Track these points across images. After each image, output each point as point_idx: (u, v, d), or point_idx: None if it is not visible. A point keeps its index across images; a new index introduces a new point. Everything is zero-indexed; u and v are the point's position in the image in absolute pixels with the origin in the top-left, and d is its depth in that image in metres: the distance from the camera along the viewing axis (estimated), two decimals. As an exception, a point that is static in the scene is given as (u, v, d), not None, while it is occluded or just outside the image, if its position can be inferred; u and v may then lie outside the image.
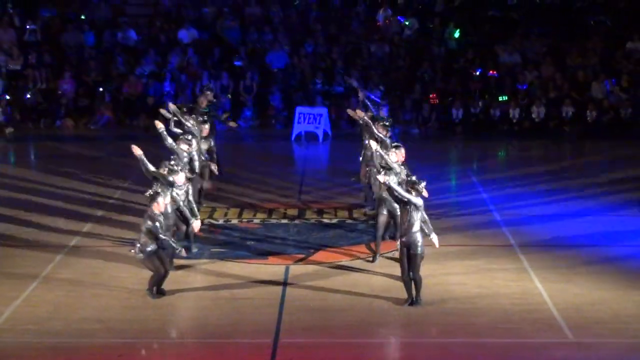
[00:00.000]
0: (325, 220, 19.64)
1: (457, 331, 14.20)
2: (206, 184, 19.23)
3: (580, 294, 15.57)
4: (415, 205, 14.36)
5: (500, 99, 29.18)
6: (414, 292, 14.78)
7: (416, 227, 14.47)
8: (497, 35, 31.64)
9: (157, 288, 15.06)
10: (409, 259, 14.57)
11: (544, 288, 15.79)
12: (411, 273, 14.64)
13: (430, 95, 29.22)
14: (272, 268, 16.67)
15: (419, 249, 14.52)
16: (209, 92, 20.94)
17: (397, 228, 15.80)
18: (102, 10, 32.42)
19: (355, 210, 19.88)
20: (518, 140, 27.39)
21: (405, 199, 14.39)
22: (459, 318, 14.65)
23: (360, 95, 21.00)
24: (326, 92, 29.85)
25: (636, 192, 21.33)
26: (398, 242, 15.21)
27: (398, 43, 31.46)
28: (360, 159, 19.30)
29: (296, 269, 16.57)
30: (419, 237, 14.50)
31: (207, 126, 19.02)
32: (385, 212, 16.58)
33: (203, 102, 20.47)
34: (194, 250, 17.00)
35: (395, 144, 16.99)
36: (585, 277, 16.26)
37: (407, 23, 31.83)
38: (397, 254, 16.24)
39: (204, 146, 18.84)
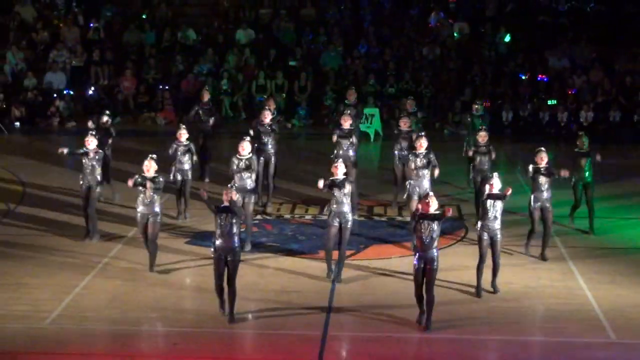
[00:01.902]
0: (375, 218, 19.65)
1: (501, 329, 14.15)
2: None
3: (624, 295, 15.45)
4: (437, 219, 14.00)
5: (548, 102, 28.98)
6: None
7: (436, 242, 14.00)
8: (546, 40, 31.42)
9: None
10: (426, 274, 13.95)
11: (589, 288, 15.69)
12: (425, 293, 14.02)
13: (485, 103, 29.06)
14: (322, 263, 16.68)
15: (436, 264, 13.99)
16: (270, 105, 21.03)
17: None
18: (163, 10, 32.61)
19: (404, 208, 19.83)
20: (566, 143, 27.14)
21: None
22: (503, 316, 14.59)
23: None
24: (378, 93, 29.81)
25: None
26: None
27: (449, 46, 31.35)
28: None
29: (346, 264, 16.57)
30: (437, 252, 14.04)
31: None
32: None
33: (266, 117, 20.20)
34: (248, 248, 17.08)
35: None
36: (629, 279, 16.13)
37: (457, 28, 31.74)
38: (448, 250, 16.23)
39: None
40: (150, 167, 16.29)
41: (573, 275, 16.35)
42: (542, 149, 17.17)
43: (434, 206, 13.94)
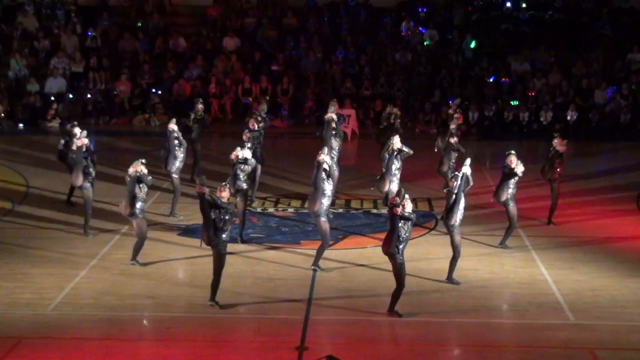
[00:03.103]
0: (352, 210, 19.64)
1: (469, 312, 14.17)
2: None
3: (582, 280, 15.50)
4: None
5: (511, 103, 29.02)
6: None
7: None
8: (509, 46, 31.50)
9: None
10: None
11: (549, 274, 15.74)
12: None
13: (451, 102, 29.09)
14: (304, 252, 16.68)
15: None
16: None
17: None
18: (155, 20, 32.49)
19: (379, 201, 19.82)
20: (527, 141, 27.24)
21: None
22: (472, 300, 14.61)
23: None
24: (355, 95, 29.79)
25: (634, 189, 21.15)
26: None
27: (420, 52, 31.36)
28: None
29: (326, 254, 16.52)
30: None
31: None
32: None
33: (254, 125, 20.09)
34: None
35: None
36: (587, 266, 16.19)
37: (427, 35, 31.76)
38: (419, 239, 16.23)
39: None
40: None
41: (535, 262, 16.39)
42: (512, 152, 17.02)
43: (408, 207, 13.83)
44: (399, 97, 29.60)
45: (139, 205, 15.51)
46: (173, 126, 18.66)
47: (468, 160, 15.38)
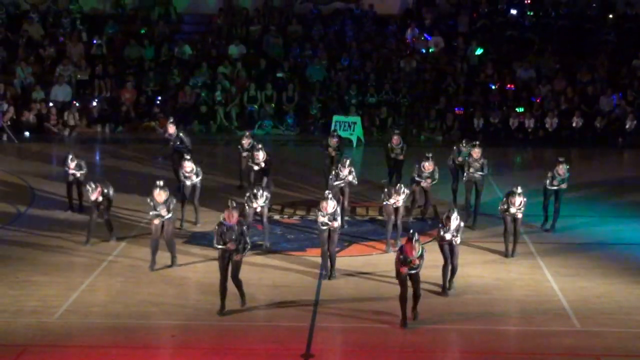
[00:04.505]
0: (358, 217, 19.63)
1: (475, 319, 14.16)
2: None
3: (588, 287, 15.48)
4: None
5: (517, 110, 29.00)
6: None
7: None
8: (514, 52, 31.47)
9: None
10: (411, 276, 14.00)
11: (555, 281, 15.72)
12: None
13: (457, 110, 29.13)
14: (309, 259, 16.68)
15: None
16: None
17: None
18: (161, 28, 32.53)
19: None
20: (533, 148, 27.21)
21: None
22: (477, 307, 14.60)
23: None
24: (360, 102, 29.80)
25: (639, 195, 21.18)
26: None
27: (425, 59, 31.37)
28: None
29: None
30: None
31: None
32: None
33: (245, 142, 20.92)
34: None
35: None
36: (592, 272, 16.17)
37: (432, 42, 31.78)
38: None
39: None
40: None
41: (540, 269, 16.37)
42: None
43: (417, 251, 13.62)
44: (404, 104, 29.60)
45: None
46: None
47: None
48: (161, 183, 16.14)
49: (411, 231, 13.88)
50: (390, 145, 20.85)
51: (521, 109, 29.01)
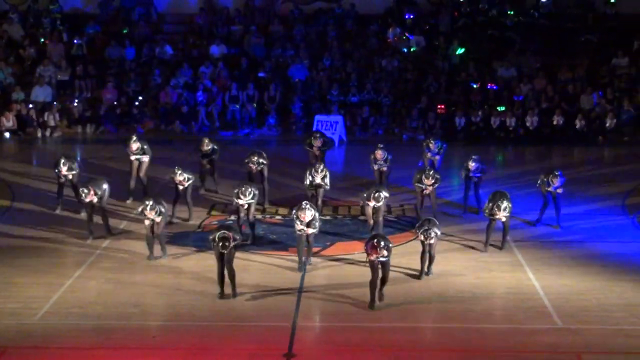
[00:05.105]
0: (340, 216, 19.62)
1: (457, 317, 14.17)
2: None
3: (569, 285, 15.53)
4: None
5: (498, 109, 29.06)
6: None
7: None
8: (495, 52, 31.54)
9: None
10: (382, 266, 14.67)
11: (536, 279, 15.76)
12: None
13: (439, 106, 29.15)
14: (292, 259, 16.65)
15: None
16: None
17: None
18: (142, 28, 32.41)
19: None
20: (513, 146, 27.27)
21: None
22: (459, 305, 14.62)
23: None
24: (342, 102, 29.79)
25: (620, 193, 21.26)
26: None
27: (406, 58, 31.39)
28: None
29: (314, 260, 16.56)
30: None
31: None
32: None
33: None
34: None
35: None
36: (574, 270, 16.22)
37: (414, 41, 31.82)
38: (407, 247, 16.26)
39: None
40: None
41: (522, 267, 16.41)
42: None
43: (382, 254, 14.31)
44: (385, 103, 29.61)
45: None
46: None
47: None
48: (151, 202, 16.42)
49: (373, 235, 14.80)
50: (373, 157, 20.61)
51: (502, 108, 29.07)
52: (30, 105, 28.98)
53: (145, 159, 20.30)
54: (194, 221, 18.91)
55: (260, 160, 20.29)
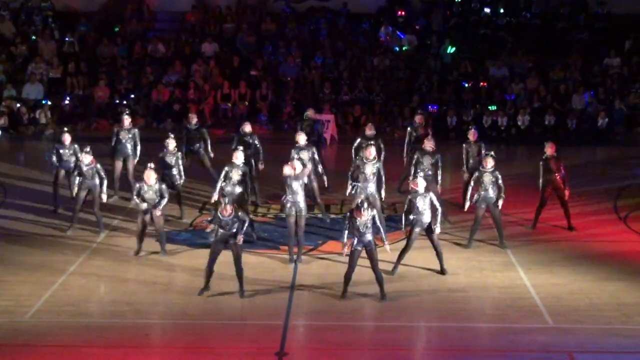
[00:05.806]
0: (332, 215, 19.62)
1: (449, 316, 14.19)
2: None
3: (560, 284, 15.56)
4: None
5: (489, 108, 29.11)
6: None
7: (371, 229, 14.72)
8: (487, 51, 31.60)
9: None
10: (368, 255, 14.71)
11: (528, 279, 15.79)
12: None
13: (431, 108, 29.16)
14: (283, 257, 16.66)
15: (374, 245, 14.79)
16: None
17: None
18: (134, 25, 32.39)
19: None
20: (505, 145, 27.29)
21: None
22: (451, 305, 14.64)
23: None
24: (333, 100, 29.81)
25: (611, 193, 21.31)
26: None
27: (398, 57, 31.43)
28: None
29: (306, 259, 16.58)
30: (372, 236, 14.78)
31: None
32: None
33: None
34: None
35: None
36: (565, 270, 16.26)
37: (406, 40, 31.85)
38: (400, 245, 16.27)
39: None
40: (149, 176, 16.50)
41: (513, 266, 16.44)
42: (490, 153, 17.33)
43: (366, 215, 14.42)
44: (377, 102, 29.64)
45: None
46: None
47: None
48: (152, 165, 16.60)
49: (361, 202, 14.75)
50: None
51: (494, 107, 29.12)
52: (19, 104, 28.90)
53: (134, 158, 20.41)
54: (186, 219, 18.91)
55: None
